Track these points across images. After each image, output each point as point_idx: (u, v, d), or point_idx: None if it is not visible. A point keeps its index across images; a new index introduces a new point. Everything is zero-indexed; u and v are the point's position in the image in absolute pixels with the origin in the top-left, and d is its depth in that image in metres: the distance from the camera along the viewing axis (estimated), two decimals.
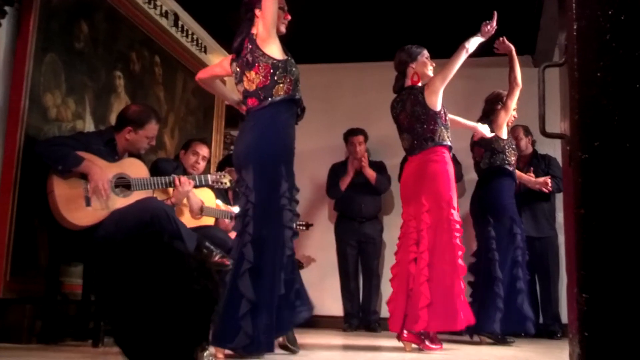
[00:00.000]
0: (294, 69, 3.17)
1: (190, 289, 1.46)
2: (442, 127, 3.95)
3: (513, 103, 4.72)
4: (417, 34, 5.56)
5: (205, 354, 1.53)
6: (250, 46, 3.19)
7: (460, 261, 3.75)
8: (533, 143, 5.77)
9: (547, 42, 5.64)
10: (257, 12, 3.23)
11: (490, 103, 4.97)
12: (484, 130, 4.42)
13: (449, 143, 3.97)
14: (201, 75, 3.60)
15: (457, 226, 3.80)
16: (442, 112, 3.99)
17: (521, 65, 6.24)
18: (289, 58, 3.19)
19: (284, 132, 3.13)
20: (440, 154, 3.92)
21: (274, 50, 3.15)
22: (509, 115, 4.79)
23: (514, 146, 4.93)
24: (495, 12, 4.08)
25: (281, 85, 3.12)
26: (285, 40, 3.30)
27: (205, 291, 1.48)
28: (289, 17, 3.33)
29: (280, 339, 3.14)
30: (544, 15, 5.13)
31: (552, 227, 5.65)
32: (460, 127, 4.42)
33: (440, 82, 3.95)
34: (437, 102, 3.97)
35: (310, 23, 3.25)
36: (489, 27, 4.05)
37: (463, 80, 5.92)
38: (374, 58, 6.35)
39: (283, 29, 3.30)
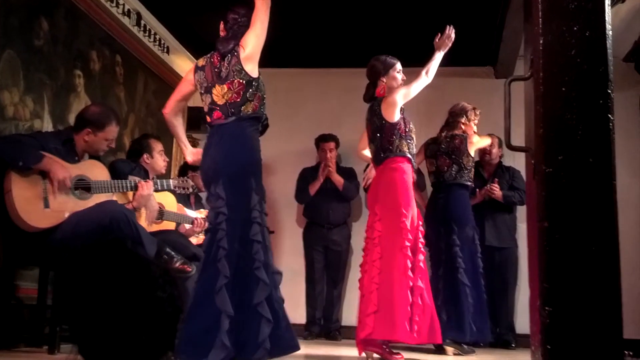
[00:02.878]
0: (263, 86, 3.19)
1: (155, 296, 1.43)
2: (401, 139, 3.96)
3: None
4: (381, 42, 5.59)
5: None
6: (229, 58, 3.18)
7: (409, 272, 3.74)
8: (501, 156, 5.82)
9: (509, 54, 5.72)
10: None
11: (454, 115, 5.01)
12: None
13: (407, 154, 3.97)
14: (171, 104, 3.48)
15: (409, 235, 3.81)
16: (400, 123, 3.98)
17: (482, 76, 6.38)
18: (260, 75, 3.19)
19: (251, 144, 3.13)
20: (398, 163, 3.94)
21: (254, 68, 3.16)
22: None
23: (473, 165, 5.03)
24: (449, 26, 4.15)
25: (251, 102, 3.13)
26: None
27: (170, 299, 1.45)
28: None
29: None
30: (506, 28, 5.20)
31: (512, 238, 5.69)
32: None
33: (400, 99, 3.98)
34: (393, 114, 3.98)
35: (272, 27, 3.24)
36: (440, 39, 4.09)
37: (425, 89, 5.98)
38: (337, 64, 6.37)
39: None
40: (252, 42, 3.14)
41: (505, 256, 5.62)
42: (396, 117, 3.97)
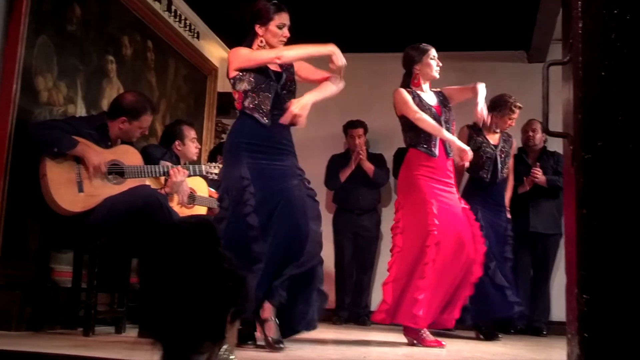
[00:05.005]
0: (242, 81, 3.24)
1: (221, 266, 1.42)
2: (409, 130, 3.96)
3: None
4: (412, 26, 5.55)
5: (223, 349, 1.49)
6: None
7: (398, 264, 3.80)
8: (545, 140, 5.68)
9: (542, 38, 5.63)
10: (257, 26, 3.31)
11: (490, 104, 4.95)
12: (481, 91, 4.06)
13: (416, 146, 3.92)
14: None
15: (397, 224, 3.88)
16: (405, 116, 3.95)
17: (515, 60, 6.30)
18: (242, 72, 3.24)
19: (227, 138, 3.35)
20: (408, 155, 3.99)
21: (230, 70, 3.29)
22: None
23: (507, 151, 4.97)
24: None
25: (235, 102, 3.32)
26: None
27: (233, 274, 1.44)
28: (288, 35, 3.35)
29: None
30: (540, 11, 5.11)
31: (558, 224, 5.51)
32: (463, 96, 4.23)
33: (395, 104, 3.98)
34: (397, 109, 4.00)
35: (301, 12, 3.26)
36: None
37: (456, 72, 5.92)
38: (365, 49, 6.32)
39: (279, 46, 3.33)
40: (236, 52, 3.29)
41: (549, 243, 5.55)
42: (400, 110, 3.98)
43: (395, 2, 5.50)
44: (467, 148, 3.90)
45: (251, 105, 3.22)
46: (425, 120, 3.86)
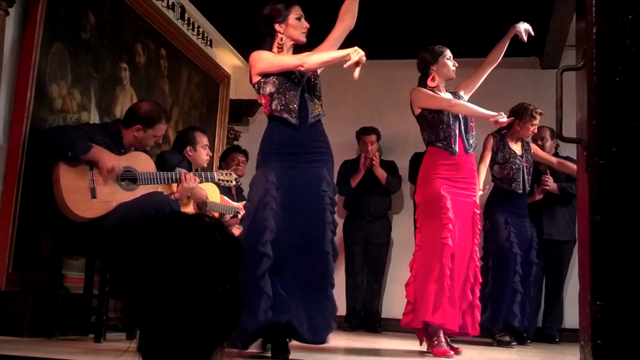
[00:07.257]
0: (267, 85, 3.20)
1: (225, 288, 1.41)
2: (425, 127, 3.94)
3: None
4: (423, 33, 5.53)
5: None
6: None
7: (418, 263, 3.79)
8: (556, 147, 5.66)
9: (555, 44, 5.60)
10: (276, 26, 3.27)
11: (511, 113, 4.95)
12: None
13: (435, 143, 3.89)
14: None
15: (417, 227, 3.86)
16: (424, 113, 3.93)
17: (528, 67, 6.27)
18: (263, 78, 3.21)
19: (260, 146, 3.26)
20: (427, 153, 3.97)
21: (253, 76, 3.25)
22: None
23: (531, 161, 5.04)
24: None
25: (262, 107, 3.28)
26: None
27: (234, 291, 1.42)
28: (308, 25, 3.32)
29: None
30: (553, 17, 5.09)
31: (572, 231, 5.46)
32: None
33: (418, 100, 3.94)
34: (414, 107, 3.98)
35: (312, 20, 3.27)
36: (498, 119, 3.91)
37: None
38: (377, 56, 6.30)
39: (303, 38, 3.31)
40: (258, 55, 3.22)
41: (563, 250, 5.52)
42: (418, 110, 3.97)
43: (407, 9, 5.50)
44: (502, 114, 3.89)
45: (279, 107, 3.19)
46: (462, 104, 3.87)
